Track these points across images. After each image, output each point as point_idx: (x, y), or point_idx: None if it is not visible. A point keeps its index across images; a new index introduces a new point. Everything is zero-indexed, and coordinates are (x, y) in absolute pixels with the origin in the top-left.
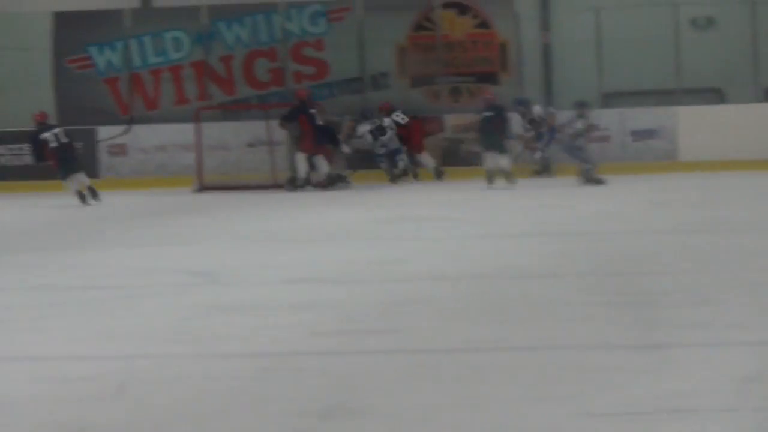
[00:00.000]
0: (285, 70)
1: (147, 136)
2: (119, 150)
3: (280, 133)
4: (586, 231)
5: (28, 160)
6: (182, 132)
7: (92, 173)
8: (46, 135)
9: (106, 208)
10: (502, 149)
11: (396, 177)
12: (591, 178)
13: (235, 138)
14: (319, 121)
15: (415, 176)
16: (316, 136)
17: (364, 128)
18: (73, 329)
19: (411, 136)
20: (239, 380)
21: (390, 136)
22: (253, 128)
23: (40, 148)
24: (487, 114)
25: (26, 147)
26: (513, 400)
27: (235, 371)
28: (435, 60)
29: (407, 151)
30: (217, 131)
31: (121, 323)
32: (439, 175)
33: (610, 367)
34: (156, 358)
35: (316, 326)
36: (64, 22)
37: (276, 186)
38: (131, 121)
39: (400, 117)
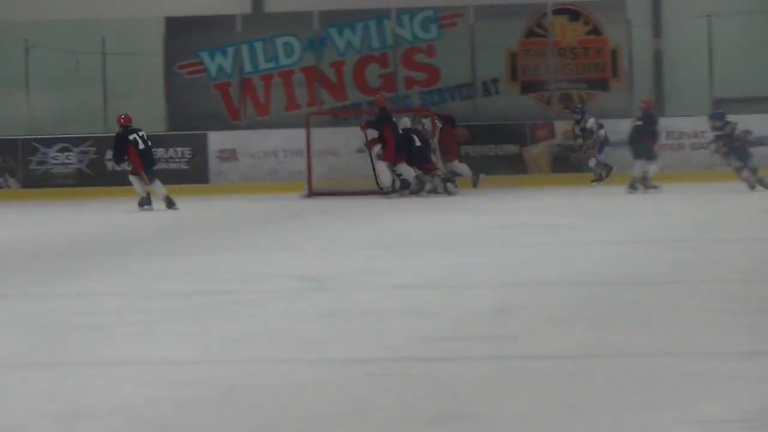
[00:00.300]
0: (396, 76)
1: (257, 141)
2: (229, 155)
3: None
4: (698, 238)
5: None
6: (292, 137)
7: (203, 178)
8: (134, 136)
9: (216, 214)
10: (651, 156)
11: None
12: (761, 182)
13: (344, 144)
14: (400, 130)
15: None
16: (398, 144)
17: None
18: (183, 334)
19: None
20: (347, 386)
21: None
22: (363, 134)
23: (124, 150)
24: (638, 123)
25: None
26: (621, 406)
27: (343, 377)
28: (546, 66)
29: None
30: (327, 137)
31: (231, 328)
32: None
33: (722, 374)
34: (265, 363)
35: (424, 332)
36: (175, 27)
37: (385, 192)
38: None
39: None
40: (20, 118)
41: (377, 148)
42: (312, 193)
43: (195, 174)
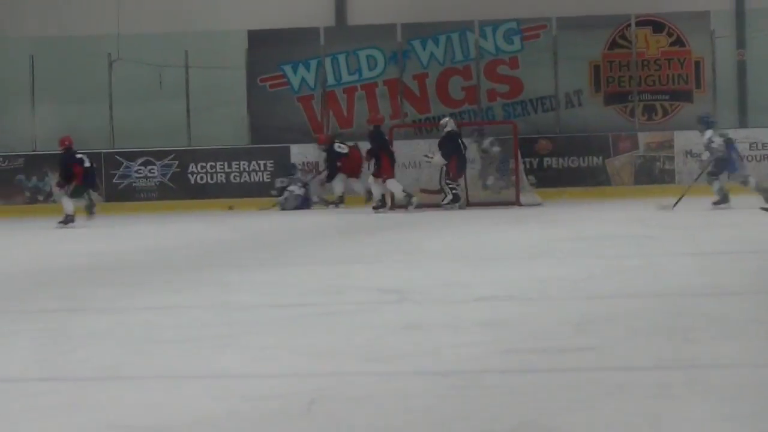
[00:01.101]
0: (479, 88)
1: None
2: (312, 168)
3: (472, 151)
4: None
5: (222, 177)
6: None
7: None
8: (80, 155)
9: (297, 226)
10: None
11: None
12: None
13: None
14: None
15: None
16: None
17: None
18: (263, 347)
19: (351, 164)
20: (429, 398)
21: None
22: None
23: (71, 169)
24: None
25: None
26: (704, 418)
27: (425, 389)
28: (629, 77)
29: (347, 178)
30: (410, 149)
31: (312, 341)
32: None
33: None
34: (346, 375)
35: (506, 344)
36: (258, 40)
37: (470, 204)
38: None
39: (341, 146)
40: (103, 131)
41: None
42: (394, 206)
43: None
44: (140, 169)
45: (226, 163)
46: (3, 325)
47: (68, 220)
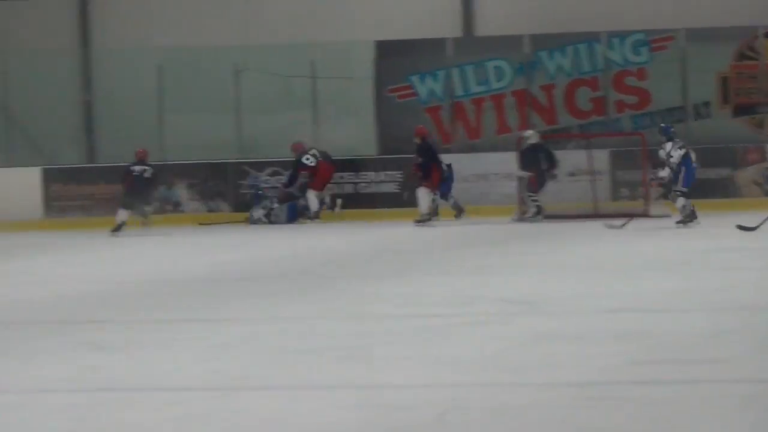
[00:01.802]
0: (606, 100)
1: (469, 164)
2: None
3: (601, 162)
4: None
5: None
6: (504, 161)
7: (412, 203)
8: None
9: (426, 237)
10: None
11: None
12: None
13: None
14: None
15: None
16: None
17: None
18: (395, 357)
19: (318, 178)
20: (561, 409)
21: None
22: (574, 157)
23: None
24: None
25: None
26: None
27: (557, 400)
28: (758, 89)
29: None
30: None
31: (443, 351)
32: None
33: None
34: (478, 386)
35: (637, 355)
36: (386, 51)
37: (597, 216)
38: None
39: (308, 158)
40: (230, 141)
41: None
42: (524, 217)
43: (406, 198)
44: (268, 179)
45: (354, 174)
46: (135, 335)
47: (116, 229)
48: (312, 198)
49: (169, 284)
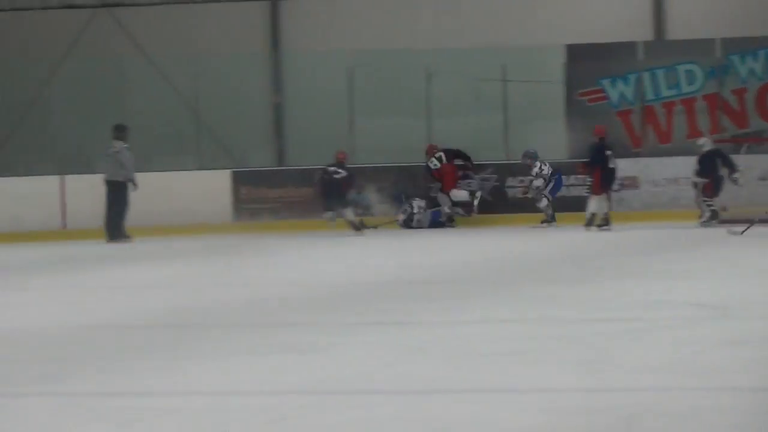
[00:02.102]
0: None
1: (659, 169)
2: (631, 183)
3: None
4: None
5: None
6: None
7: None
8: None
9: (616, 241)
10: None
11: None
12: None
13: (747, 171)
14: (611, 164)
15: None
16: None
17: None
18: (583, 361)
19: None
20: (753, 415)
21: None
22: (765, 162)
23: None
24: None
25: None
26: None
27: (748, 405)
28: None
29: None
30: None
31: (632, 356)
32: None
33: None
34: (666, 391)
35: None
36: (577, 55)
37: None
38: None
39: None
40: (421, 144)
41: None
42: (700, 222)
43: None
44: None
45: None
46: (327, 337)
47: (357, 228)
48: (444, 200)
49: (360, 286)
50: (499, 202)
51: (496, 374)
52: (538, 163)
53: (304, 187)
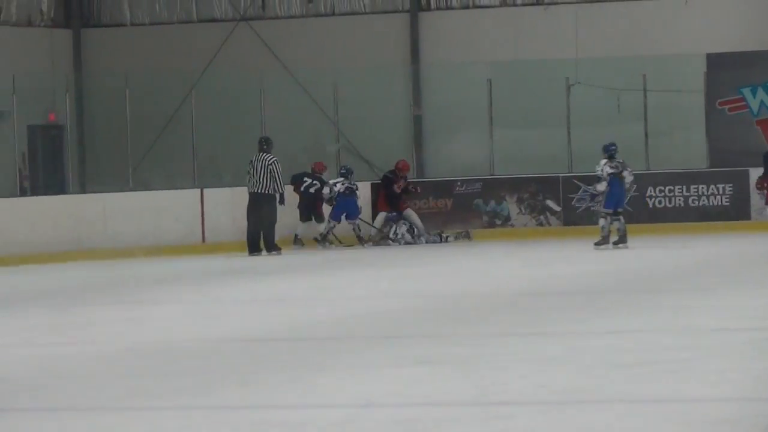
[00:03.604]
0: None
1: None
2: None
3: None
4: None
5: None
6: None
7: (744, 215)
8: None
9: (756, 251)
10: None
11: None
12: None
13: None
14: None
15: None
16: None
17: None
18: (721, 371)
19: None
20: None
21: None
22: None
23: None
24: None
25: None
26: None
27: None
28: None
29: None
30: None
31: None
32: None
33: None
34: None
35: None
36: (716, 63)
37: None
38: None
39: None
40: (561, 155)
41: None
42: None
43: (735, 211)
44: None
45: (684, 187)
46: (460, 349)
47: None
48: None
49: (490, 298)
50: (639, 213)
51: (638, 384)
52: (603, 162)
53: (442, 199)
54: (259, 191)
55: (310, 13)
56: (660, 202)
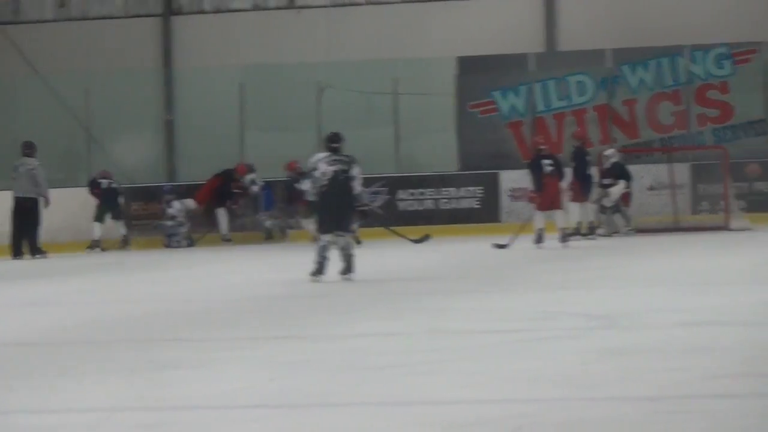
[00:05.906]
0: (689, 113)
1: None
2: (522, 194)
3: (682, 176)
4: None
5: (431, 204)
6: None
7: (493, 217)
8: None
9: (505, 253)
10: None
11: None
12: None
13: (636, 181)
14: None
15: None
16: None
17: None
18: (470, 373)
19: None
20: (637, 424)
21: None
22: (655, 171)
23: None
24: None
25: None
26: None
27: (632, 415)
28: None
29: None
30: None
31: (518, 367)
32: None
33: None
34: (552, 401)
35: (711, 369)
36: (467, 67)
37: (678, 230)
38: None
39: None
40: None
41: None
42: (600, 232)
43: (486, 213)
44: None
45: (434, 190)
46: (202, 353)
47: (93, 245)
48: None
49: (246, 302)
50: (389, 216)
51: (381, 387)
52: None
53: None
54: (23, 195)
55: (62, 17)
56: (411, 205)
